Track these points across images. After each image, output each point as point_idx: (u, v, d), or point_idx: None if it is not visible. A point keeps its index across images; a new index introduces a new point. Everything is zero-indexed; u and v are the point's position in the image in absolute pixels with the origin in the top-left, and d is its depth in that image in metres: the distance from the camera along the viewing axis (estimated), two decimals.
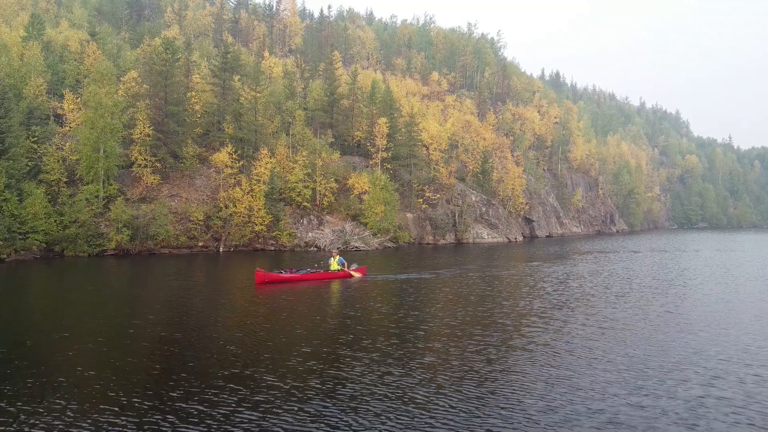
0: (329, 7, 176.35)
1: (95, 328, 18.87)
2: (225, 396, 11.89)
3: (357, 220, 62.80)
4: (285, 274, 30.16)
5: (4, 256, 40.44)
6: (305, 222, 60.38)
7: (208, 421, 10.52)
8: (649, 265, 42.84)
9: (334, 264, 32.47)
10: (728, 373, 13.90)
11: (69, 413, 10.86)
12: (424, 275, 34.50)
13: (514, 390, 12.49)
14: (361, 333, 18.19)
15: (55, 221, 44.55)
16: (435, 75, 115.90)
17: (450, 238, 73.06)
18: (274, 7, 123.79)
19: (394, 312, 22.08)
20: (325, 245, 58.12)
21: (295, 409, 11.21)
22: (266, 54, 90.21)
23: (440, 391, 12.37)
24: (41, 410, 10.98)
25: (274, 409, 11.16)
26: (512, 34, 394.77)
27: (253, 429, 10.24)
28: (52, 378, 13.03)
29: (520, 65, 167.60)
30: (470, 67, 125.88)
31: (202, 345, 16.52)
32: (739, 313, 22.46)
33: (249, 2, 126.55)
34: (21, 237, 41.63)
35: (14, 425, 10.30)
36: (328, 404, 11.49)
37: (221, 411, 11.04)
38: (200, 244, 52.60)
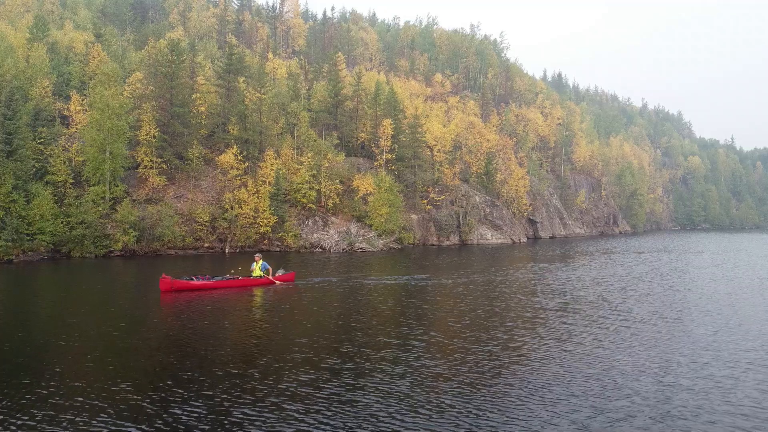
0: (332, 8, 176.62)
1: (96, 328, 18.98)
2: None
3: (362, 221, 62.86)
4: (196, 281, 26.95)
5: (12, 257, 40.59)
6: (310, 223, 60.46)
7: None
8: (656, 267, 42.84)
9: (257, 270, 29.15)
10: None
11: (67, 414, 10.91)
12: (385, 280, 32.72)
13: (534, 386, 12.59)
14: (284, 350, 16.14)
15: (62, 222, 44.66)
16: (438, 76, 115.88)
17: (454, 239, 73.09)
18: (277, 9, 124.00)
19: (329, 322, 20.30)
20: (330, 246, 58.25)
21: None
22: (270, 55, 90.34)
23: (447, 398, 12.41)
24: (43, 409, 11.04)
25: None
26: (516, 37, 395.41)
27: None
28: (51, 378, 13.11)
29: (523, 67, 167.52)
30: (473, 68, 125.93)
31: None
32: (755, 310, 22.52)
33: (252, 3, 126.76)
34: (28, 238, 41.77)
35: (17, 425, 10.35)
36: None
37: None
38: (206, 245, 52.72)
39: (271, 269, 29.73)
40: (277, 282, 29.35)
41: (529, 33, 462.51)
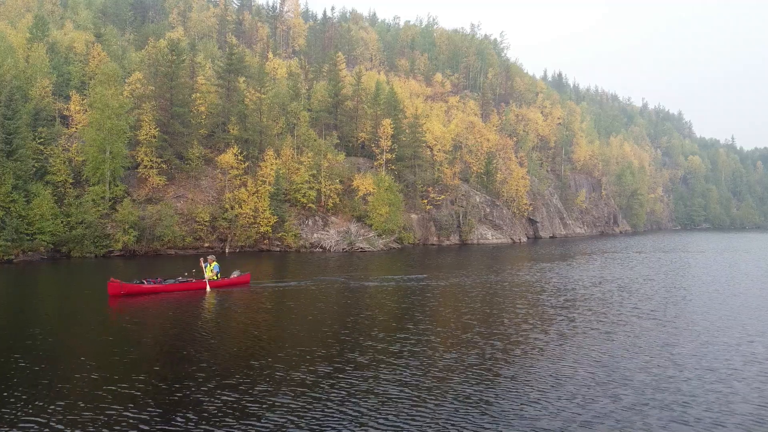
0: (332, 8, 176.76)
1: (108, 325, 18.96)
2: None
3: (362, 221, 62.84)
4: (147, 285, 25.89)
5: (12, 256, 40.57)
6: (310, 223, 60.44)
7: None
8: (657, 266, 42.80)
9: (209, 272, 28.22)
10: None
11: (64, 413, 10.91)
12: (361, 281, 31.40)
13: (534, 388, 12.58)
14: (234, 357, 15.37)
15: (62, 222, 44.66)
16: (438, 76, 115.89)
17: (454, 239, 73.06)
18: (277, 9, 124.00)
19: (336, 320, 20.21)
20: (330, 246, 58.22)
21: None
22: (270, 55, 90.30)
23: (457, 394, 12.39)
24: (42, 409, 11.04)
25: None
26: (516, 37, 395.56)
27: None
28: (50, 378, 13.11)
29: (523, 67, 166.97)
30: (473, 68, 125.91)
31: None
32: (756, 307, 22.53)
33: (252, 3, 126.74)
34: (28, 238, 41.76)
35: (16, 424, 10.35)
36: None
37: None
38: (206, 244, 52.69)
39: (219, 273, 28.62)
40: (243, 283, 29.05)
41: (529, 33, 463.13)
